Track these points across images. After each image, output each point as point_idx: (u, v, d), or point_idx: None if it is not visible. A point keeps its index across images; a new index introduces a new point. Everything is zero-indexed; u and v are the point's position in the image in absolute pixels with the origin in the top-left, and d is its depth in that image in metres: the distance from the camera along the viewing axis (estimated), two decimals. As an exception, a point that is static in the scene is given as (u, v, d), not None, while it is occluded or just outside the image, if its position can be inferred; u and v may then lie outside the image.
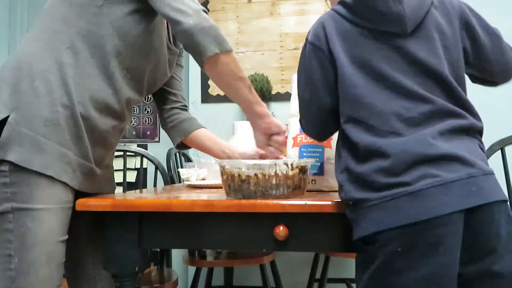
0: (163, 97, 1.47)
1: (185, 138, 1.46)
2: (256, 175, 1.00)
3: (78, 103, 1.09)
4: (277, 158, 1.23)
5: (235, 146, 1.46)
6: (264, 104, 1.20)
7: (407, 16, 0.94)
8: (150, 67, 1.25)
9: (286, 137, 1.25)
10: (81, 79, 1.10)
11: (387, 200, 0.85)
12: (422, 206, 0.83)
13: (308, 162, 1.06)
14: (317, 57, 1.00)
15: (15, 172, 1.03)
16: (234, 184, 1.03)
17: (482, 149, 0.94)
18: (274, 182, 1.00)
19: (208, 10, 2.79)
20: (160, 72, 1.32)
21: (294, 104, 1.30)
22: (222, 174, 1.05)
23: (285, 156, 1.27)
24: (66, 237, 1.10)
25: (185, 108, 1.51)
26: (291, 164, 1.02)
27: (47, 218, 1.05)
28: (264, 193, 1.01)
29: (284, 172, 1.01)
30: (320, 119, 1.04)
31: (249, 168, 1.00)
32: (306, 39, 1.04)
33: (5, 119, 1.04)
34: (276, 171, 1.00)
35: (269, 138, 1.23)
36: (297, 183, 1.03)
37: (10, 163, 1.03)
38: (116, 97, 1.17)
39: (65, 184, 1.08)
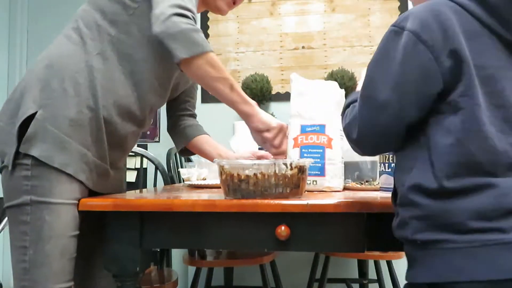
0: (176, 103, 1.49)
1: (187, 142, 1.48)
2: (255, 175, 1.00)
3: (102, 107, 1.12)
4: (276, 156, 1.24)
5: (233, 151, 1.47)
6: (251, 102, 1.18)
7: None
8: (176, 74, 1.27)
9: (280, 132, 1.22)
10: (108, 84, 1.13)
11: (476, 246, 0.72)
12: None
13: (307, 161, 1.06)
14: (421, 58, 0.76)
15: (37, 166, 1.06)
16: (233, 184, 1.03)
17: None
18: (273, 181, 1.01)
19: (208, 10, 2.79)
20: (184, 78, 1.35)
21: (294, 104, 1.30)
22: (221, 174, 1.05)
23: (282, 151, 1.25)
24: (78, 232, 1.12)
25: (193, 115, 1.54)
26: (290, 164, 1.02)
27: (64, 212, 1.07)
28: (263, 192, 1.01)
29: (283, 172, 1.01)
30: (390, 130, 0.81)
31: (248, 168, 1.01)
32: (402, 27, 0.78)
33: (33, 114, 1.07)
34: (275, 171, 1.00)
35: (261, 135, 1.23)
36: (296, 183, 1.03)
37: (33, 157, 1.06)
38: (139, 104, 1.19)
39: (81, 182, 1.11)
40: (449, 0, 0.78)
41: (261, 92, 2.60)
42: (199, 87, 1.50)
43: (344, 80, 2.50)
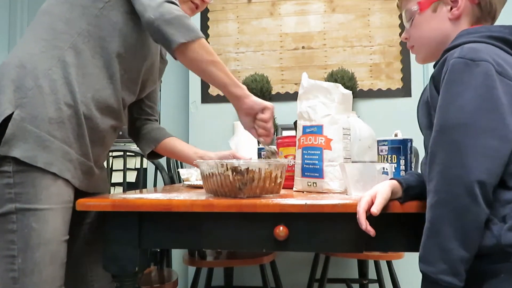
0: (139, 107, 1.48)
1: (157, 145, 1.46)
2: (227, 174, 1.04)
3: (81, 102, 1.11)
4: (265, 138, 1.22)
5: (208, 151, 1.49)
6: (242, 86, 1.18)
7: None
8: (145, 69, 1.27)
9: (272, 114, 1.21)
10: (84, 78, 1.12)
11: None
12: None
13: (283, 162, 1.11)
14: (506, 87, 0.83)
15: (19, 172, 1.04)
16: (208, 182, 1.09)
17: None
18: (243, 181, 1.04)
19: (208, 10, 2.79)
20: (152, 77, 1.34)
21: (298, 104, 1.29)
22: (201, 173, 1.11)
23: (271, 134, 1.23)
24: (68, 236, 1.11)
25: (157, 120, 1.53)
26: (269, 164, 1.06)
27: (51, 218, 1.05)
28: (234, 191, 1.05)
29: (257, 171, 1.05)
30: (505, 155, 0.80)
31: (219, 167, 1.04)
32: (474, 60, 0.84)
33: (10, 115, 1.04)
34: (248, 168, 1.04)
35: (254, 118, 1.22)
36: (272, 182, 1.08)
37: (14, 162, 1.03)
38: (116, 96, 1.19)
39: (66, 182, 1.09)
40: (491, 45, 0.89)
41: (261, 92, 2.60)
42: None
43: (344, 80, 2.50)
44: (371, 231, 0.90)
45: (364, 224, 0.90)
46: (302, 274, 2.50)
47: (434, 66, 0.97)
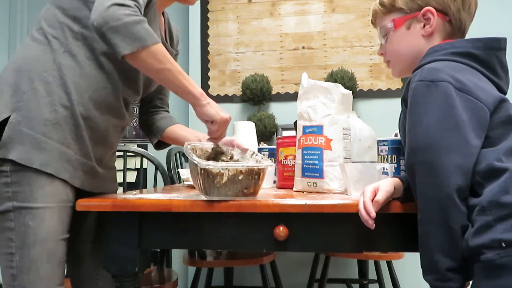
0: (148, 100, 1.47)
1: (162, 134, 1.44)
2: (202, 174, 1.00)
3: (77, 103, 1.11)
4: (213, 140, 1.23)
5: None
6: (199, 91, 1.13)
7: None
8: None
9: (222, 126, 1.20)
10: (81, 79, 1.13)
11: None
12: None
13: (263, 164, 1.05)
14: (465, 102, 0.87)
15: (16, 172, 1.05)
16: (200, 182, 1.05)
17: None
18: (218, 182, 1.00)
19: (208, 10, 2.79)
20: None
21: (298, 104, 1.29)
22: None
23: (219, 140, 1.24)
24: (67, 235, 1.12)
25: (166, 111, 1.52)
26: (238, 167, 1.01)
27: (48, 216, 1.06)
28: (212, 191, 1.01)
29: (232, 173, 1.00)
30: (470, 169, 0.84)
31: (195, 167, 1.01)
32: (433, 81, 0.89)
33: (6, 119, 1.07)
34: (220, 171, 0.99)
35: (205, 124, 1.21)
36: (247, 184, 1.03)
37: (11, 163, 1.05)
38: (115, 95, 1.19)
39: (65, 182, 1.10)
40: (450, 61, 0.94)
41: (261, 92, 2.60)
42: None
43: (344, 80, 2.50)
44: (370, 221, 0.92)
45: (370, 208, 0.91)
46: (302, 274, 2.51)
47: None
